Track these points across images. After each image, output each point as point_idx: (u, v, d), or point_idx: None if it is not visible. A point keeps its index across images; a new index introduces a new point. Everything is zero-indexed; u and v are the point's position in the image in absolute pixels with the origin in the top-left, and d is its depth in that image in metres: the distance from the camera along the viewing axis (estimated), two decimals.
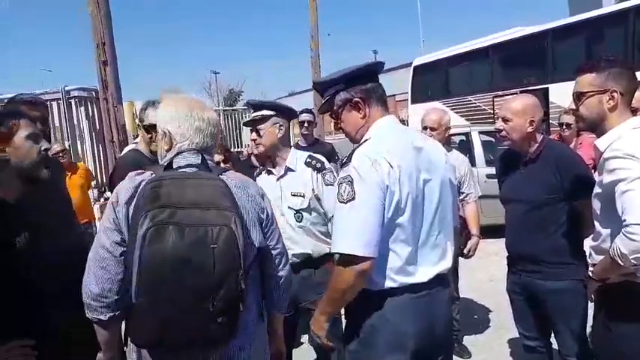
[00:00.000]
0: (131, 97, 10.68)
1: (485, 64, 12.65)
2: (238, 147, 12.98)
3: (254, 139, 2.50)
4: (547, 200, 2.24)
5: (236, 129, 13.66)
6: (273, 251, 1.63)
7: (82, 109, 8.58)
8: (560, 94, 8.91)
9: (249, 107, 2.64)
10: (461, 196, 3.28)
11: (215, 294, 1.29)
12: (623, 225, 1.56)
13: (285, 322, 1.85)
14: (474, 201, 3.38)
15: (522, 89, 9.48)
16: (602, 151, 1.73)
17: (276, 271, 1.65)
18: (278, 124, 2.46)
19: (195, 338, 1.34)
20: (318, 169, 2.43)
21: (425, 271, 1.65)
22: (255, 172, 2.62)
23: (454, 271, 3.44)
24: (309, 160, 2.46)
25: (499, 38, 12.36)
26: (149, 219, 1.28)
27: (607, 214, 1.71)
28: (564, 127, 4.36)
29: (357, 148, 1.67)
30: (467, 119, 12.41)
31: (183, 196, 1.33)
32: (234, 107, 20.94)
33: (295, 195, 2.41)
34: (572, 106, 1.90)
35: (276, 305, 1.71)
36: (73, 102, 8.57)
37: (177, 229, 1.28)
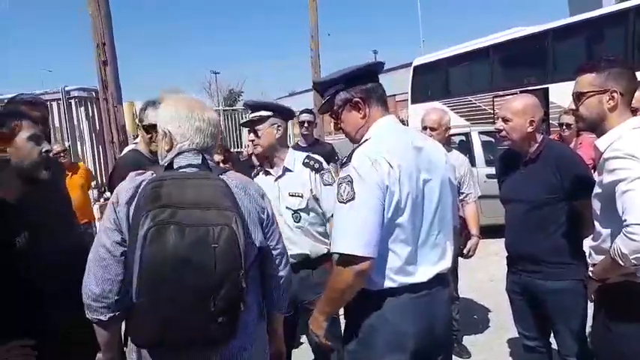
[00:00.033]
0: (131, 97, 10.71)
1: (486, 64, 12.64)
2: (238, 147, 12.95)
3: (252, 140, 2.51)
4: (547, 200, 2.24)
5: (236, 129, 13.62)
6: (273, 251, 1.63)
7: (82, 109, 8.55)
8: (560, 94, 8.91)
9: (247, 108, 2.63)
10: (461, 196, 3.28)
11: (216, 294, 1.29)
12: (624, 225, 1.56)
13: (285, 322, 1.85)
14: (474, 201, 3.38)
15: (522, 89, 9.46)
16: (602, 151, 1.73)
17: (277, 271, 1.65)
18: (276, 125, 2.46)
19: (196, 338, 1.34)
20: (316, 170, 2.43)
21: (425, 271, 1.65)
22: (252, 172, 2.62)
23: (454, 271, 3.44)
24: (307, 160, 2.47)
25: (499, 38, 12.36)
26: (150, 219, 1.28)
27: (607, 214, 1.71)
28: (564, 127, 4.36)
29: (357, 148, 1.67)
30: (467, 119, 12.40)
31: (183, 196, 1.33)
32: (234, 107, 20.88)
33: (293, 195, 2.41)
34: (572, 106, 1.90)
35: (277, 305, 1.71)
36: (73, 102, 8.53)
37: (177, 229, 1.28)
